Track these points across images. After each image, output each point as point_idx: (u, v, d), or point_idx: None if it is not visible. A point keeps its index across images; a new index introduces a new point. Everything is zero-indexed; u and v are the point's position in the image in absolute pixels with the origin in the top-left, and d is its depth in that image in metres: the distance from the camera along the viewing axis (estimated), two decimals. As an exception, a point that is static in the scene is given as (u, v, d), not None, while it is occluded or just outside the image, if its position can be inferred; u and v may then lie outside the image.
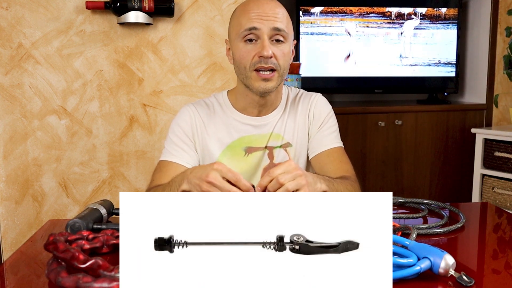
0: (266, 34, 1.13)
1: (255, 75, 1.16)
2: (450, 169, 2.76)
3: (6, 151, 1.96)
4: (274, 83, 1.17)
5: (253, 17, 1.13)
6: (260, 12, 1.13)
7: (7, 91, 1.94)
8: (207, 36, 2.07)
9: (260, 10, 1.13)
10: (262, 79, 1.15)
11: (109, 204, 1.02)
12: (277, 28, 1.13)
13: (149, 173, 2.05)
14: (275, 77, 1.17)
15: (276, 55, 1.14)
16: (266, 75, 1.15)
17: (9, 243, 1.99)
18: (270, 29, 1.13)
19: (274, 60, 1.14)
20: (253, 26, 1.13)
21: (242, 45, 1.16)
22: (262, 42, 1.13)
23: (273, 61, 1.14)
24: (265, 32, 1.13)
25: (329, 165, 1.23)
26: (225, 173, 0.92)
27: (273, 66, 1.14)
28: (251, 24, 1.13)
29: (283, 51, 1.16)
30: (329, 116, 1.31)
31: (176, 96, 2.08)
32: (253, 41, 1.14)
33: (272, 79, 1.16)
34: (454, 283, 0.71)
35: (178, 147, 1.24)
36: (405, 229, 0.87)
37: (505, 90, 2.83)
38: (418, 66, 2.85)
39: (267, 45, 1.12)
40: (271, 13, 1.13)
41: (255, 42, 1.14)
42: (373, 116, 2.62)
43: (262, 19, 1.13)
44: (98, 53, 1.99)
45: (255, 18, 1.13)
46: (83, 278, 0.65)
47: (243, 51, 1.15)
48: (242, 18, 1.15)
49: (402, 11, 2.78)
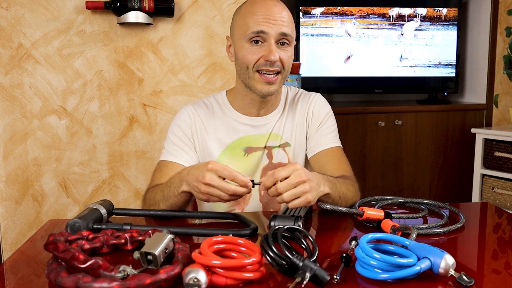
0: (273, 38, 1.14)
1: (258, 76, 1.16)
2: (450, 169, 2.76)
3: (6, 151, 1.96)
4: (277, 85, 1.18)
5: (260, 19, 1.13)
6: (268, 15, 1.13)
7: (7, 91, 1.94)
8: (207, 36, 2.07)
9: (268, 12, 1.14)
10: (266, 82, 1.16)
11: (109, 204, 1.02)
12: (284, 33, 1.14)
13: (149, 173, 2.04)
14: (279, 79, 1.18)
15: (282, 59, 1.15)
16: (271, 78, 1.16)
17: (9, 243, 1.99)
18: (277, 33, 1.14)
19: (279, 63, 1.15)
20: (261, 29, 1.13)
21: (247, 45, 1.16)
22: (269, 46, 1.14)
23: (279, 65, 1.15)
24: (272, 36, 1.13)
25: (328, 165, 1.23)
26: (221, 172, 0.93)
27: (278, 69, 1.16)
28: (258, 27, 1.13)
29: (288, 54, 1.17)
30: (328, 116, 1.31)
31: (176, 96, 2.08)
32: (259, 43, 1.15)
33: (275, 82, 1.17)
34: (454, 283, 0.71)
35: (177, 147, 1.24)
36: (405, 229, 0.87)
37: (505, 90, 2.82)
38: (418, 68, 2.85)
39: (274, 50, 1.13)
40: (279, 17, 1.14)
41: (261, 44, 1.15)
42: (373, 116, 2.62)
43: (270, 22, 1.13)
44: (98, 53, 1.99)
45: (263, 21, 1.13)
46: (83, 278, 0.65)
47: (248, 52, 1.16)
48: (249, 20, 1.15)
49: (402, 13, 2.78)
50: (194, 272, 0.67)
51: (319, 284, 0.69)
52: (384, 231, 0.92)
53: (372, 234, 0.78)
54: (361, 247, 0.74)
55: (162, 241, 0.75)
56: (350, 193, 1.12)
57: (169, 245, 0.76)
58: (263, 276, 0.72)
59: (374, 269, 0.72)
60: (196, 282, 0.66)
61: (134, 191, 2.09)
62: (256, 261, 0.71)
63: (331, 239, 0.95)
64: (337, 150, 1.28)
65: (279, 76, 1.17)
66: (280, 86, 1.20)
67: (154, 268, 0.72)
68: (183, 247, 0.76)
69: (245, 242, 0.76)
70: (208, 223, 1.04)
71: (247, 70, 1.17)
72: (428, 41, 2.84)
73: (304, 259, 0.70)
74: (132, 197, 2.09)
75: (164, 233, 0.78)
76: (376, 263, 0.71)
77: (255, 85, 1.17)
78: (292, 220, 0.93)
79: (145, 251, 0.73)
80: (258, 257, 0.71)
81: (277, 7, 1.15)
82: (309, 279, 0.69)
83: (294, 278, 0.69)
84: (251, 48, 1.15)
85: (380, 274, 0.71)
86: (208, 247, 0.72)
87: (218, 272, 0.69)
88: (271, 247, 0.72)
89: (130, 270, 0.67)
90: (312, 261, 0.70)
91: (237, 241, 0.76)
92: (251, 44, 1.15)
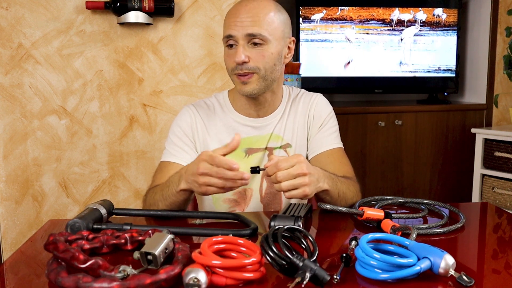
0: (241, 40, 1.14)
1: (236, 78, 1.18)
2: (450, 169, 2.76)
3: (6, 151, 1.96)
4: (254, 85, 1.17)
5: (230, 23, 1.15)
6: (236, 17, 1.15)
7: (7, 91, 1.94)
8: (207, 36, 2.07)
9: (237, 15, 1.15)
10: (241, 82, 1.17)
11: (109, 204, 1.02)
12: (251, 33, 1.13)
13: (149, 173, 2.05)
14: (254, 79, 1.16)
15: (253, 58, 1.15)
16: (244, 78, 1.17)
17: (9, 243, 1.99)
18: (244, 35, 1.14)
19: (250, 64, 1.15)
20: (229, 33, 1.15)
21: (225, 49, 1.19)
22: (236, 48, 1.15)
23: (249, 66, 1.15)
24: (240, 38, 1.14)
25: (329, 166, 1.23)
26: (212, 160, 0.94)
27: (248, 70, 1.15)
28: (228, 31, 1.15)
29: (262, 54, 1.15)
30: (330, 116, 1.31)
31: (176, 96, 2.08)
32: (233, 46, 1.16)
33: (250, 82, 1.17)
34: (454, 283, 0.71)
35: (178, 147, 1.24)
36: (405, 229, 0.87)
37: (505, 90, 2.83)
38: (418, 73, 2.85)
39: (240, 51, 1.14)
40: (245, 18, 1.14)
41: (235, 47, 1.16)
42: (373, 116, 2.62)
43: (237, 25, 1.14)
44: (98, 53, 1.99)
45: (232, 25, 1.15)
46: (83, 278, 0.65)
47: (226, 56, 1.19)
48: (225, 25, 1.18)
49: (402, 18, 2.78)
50: (194, 272, 0.67)
51: (319, 284, 0.69)
52: (384, 231, 0.92)
53: (372, 234, 0.78)
54: (361, 247, 0.74)
55: (162, 241, 0.75)
56: (351, 193, 1.12)
57: (169, 245, 0.76)
58: (263, 276, 0.72)
59: (374, 269, 0.72)
60: (196, 282, 0.66)
61: (134, 191, 2.09)
62: (256, 261, 0.71)
63: (331, 239, 0.95)
64: (339, 151, 1.28)
65: (254, 75, 1.16)
66: (260, 85, 1.17)
67: (154, 268, 0.72)
68: (183, 247, 0.76)
69: (245, 242, 0.76)
70: (208, 223, 1.04)
71: (229, 73, 1.19)
72: (427, 46, 2.84)
73: (304, 259, 0.70)
74: (132, 197, 2.09)
75: (164, 233, 0.78)
76: (376, 263, 0.71)
77: (237, 86, 1.20)
78: (292, 220, 0.93)
79: (145, 251, 0.73)
80: (258, 257, 0.71)
81: (247, 8, 1.15)
82: (309, 279, 0.69)
83: (294, 278, 0.69)
84: (228, 52, 1.18)
85: (380, 274, 0.71)
86: (208, 247, 0.72)
87: (218, 272, 0.69)
88: (271, 247, 0.72)
89: (130, 270, 0.67)
90: (312, 261, 0.70)
91: (237, 241, 0.76)
92: (228, 48, 1.18)
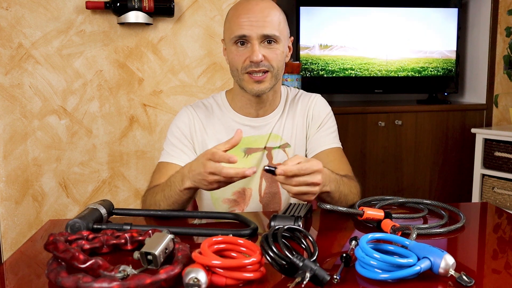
0: (256, 40, 1.14)
1: (248, 77, 1.17)
2: (450, 169, 2.76)
3: (6, 151, 1.96)
4: (268, 84, 1.18)
5: (242, 23, 1.14)
6: (250, 17, 1.14)
7: (7, 91, 1.94)
8: (207, 36, 2.07)
9: (250, 14, 1.14)
10: (255, 81, 1.17)
11: (109, 204, 1.02)
12: (267, 35, 1.14)
13: (149, 173, 2.04)
14: (268, 78, 1.17)
15: (268, 57, 1.15)
16: (259, 77, 1.16)
17: (9, 243, 1.99)
18: (259, 35, 1.14)
19: (265, 62, 1.15)
20: (243, 33, 1.14)
21: (234, 48, 1.17)
22: (252, 47, 1.14)
23: (265, 64, 1.15)
24: (254, 38, 1.14)
25: (328, 165, 1.22)
26: (218, 158, 0.93)
27: (265, 68, 1.15)
28: (241, 31, 1.14)
29: (275, 52, 1.16)
30: (328, 117, 1.31)
31: (176, 96, 2.08)
32: (244, 44, 1.16)
33: (265, 81, 1.17)
34: (454, 283, 0.71)
35: (176, 148, 1.24)
36: (405, 229, 0.87)
37: (505, 90, 2.82)
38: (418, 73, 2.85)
39: (257, 50, 1.13)
40: (261, 18, 1.13)
41: (246, 45, 1.15)
42: (373, 116, 2.62)
43: (252, 25, 1.13)
44: (98, 53, 1.99)
45: (245, 25, 1.14)
46: (83, 278, 0.65)
47: (235, 54, 1.17)
48: (233, 23, 1.16)
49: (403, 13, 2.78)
50: (194, 272, 0.67)
51: (319, 284, 0.69)
52: (384, 231, 0.92)
53: (372, 234, 0.78)
54: (361, 247, 0.74)
55: (162, 241, 0.75)
56: (352, 194, 1.12)
57: (169, 245, 0.76)
58: (263, 276, 0.72)
59: (374, 269, 0.72)
60: (196, 282, 0.66)
61: (134, 191, 2.09)
62: (256, 261, 0.71)
63: (331, 239, 0.95)
64: (337, 150, 1.28)
65: (268, 74, 1.17)
66: (272, 84, 1.19)
67: (154, 268, 0.72)
68: (183, 247, 0.76)
69: (245, 242, 0.76)
70: (208, 223, 1.04)
71: (238, 72, 1.18)
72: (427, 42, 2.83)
73: (304, 259, 0.70)
74: (132, 197, 2.09)
75: (164, 233, 0.78)
76: (376, 263, 0.71)
77: (246, 86, 1.18)
78: (292, 220, 0.93)
79: (145, 251, 0.73)
80: (258, 257, 0.71)
81: (260, 7, 1.15)
82: (309, 279, 0.69)
83: (294, 278, 0.69)
84: (237, 50, 1.17)
85: (380, 274, 0.71)
86: (208, 247, 0.72)
87: (218, 272, 0.69)
88: (271, 247, 0.72)
89: (130, 270, 0.67)
90: (312, 261, 0.70)
91: (237, 241, 0.76)
92: (237, 46, 1.16)
